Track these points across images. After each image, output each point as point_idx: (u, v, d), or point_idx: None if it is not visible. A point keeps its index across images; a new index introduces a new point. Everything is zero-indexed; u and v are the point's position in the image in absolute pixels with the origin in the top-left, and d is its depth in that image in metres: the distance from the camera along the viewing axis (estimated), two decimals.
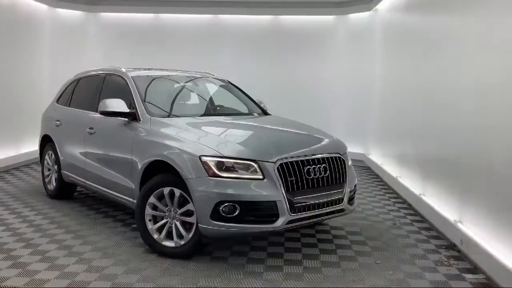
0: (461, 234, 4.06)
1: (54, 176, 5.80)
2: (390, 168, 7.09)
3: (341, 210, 3.98)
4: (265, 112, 5.35)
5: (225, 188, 3.49)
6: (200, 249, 3.87)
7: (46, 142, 6.03)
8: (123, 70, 4.99)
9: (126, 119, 4.47)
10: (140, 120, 4.35)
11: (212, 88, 5.51)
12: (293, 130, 4.51)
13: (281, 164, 3.61)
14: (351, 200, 4.13)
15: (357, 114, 9.06)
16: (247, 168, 3.57)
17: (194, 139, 3.83)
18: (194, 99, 5.35)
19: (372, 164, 8.26)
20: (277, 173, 3.57)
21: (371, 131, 8.55)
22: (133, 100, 4.51)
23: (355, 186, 4.24)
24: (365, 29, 8.92)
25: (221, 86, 5.59)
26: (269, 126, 4.64)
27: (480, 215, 3.90)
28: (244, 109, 5.35)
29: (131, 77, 4.79)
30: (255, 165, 3.57)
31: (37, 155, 8.61)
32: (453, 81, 4.65)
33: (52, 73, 9.24)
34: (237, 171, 3.57)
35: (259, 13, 9.42)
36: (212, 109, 5.30)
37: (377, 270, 3.70)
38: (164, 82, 5.17)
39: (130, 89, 4.63)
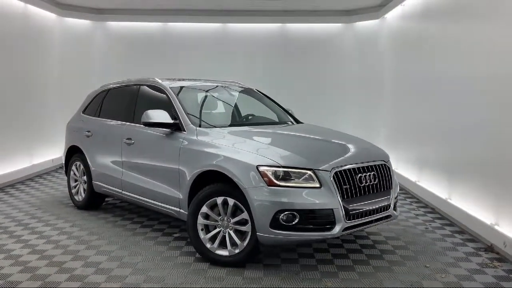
0: (503, 237, 4.21)
1: (82, 187, 5.79)
2: (406, 172, 7.26)
3: (388, 216, 4.09)
4: (296, 120, 5.45)
5: (284, 197, 3.57)
6: (253, 257, 3.94)
7: (72, 153, 6.00)
8: (160, 81, 5.04)
9: (169, 130, 4.51)
10: (184, 131, 4.40)
11: (244, 97, 5.59)
12: (338, 138, 4.62)
13: (336, 173, 3.71)
14: (395, 206, 4.25)
15: (366, 121, 9.25)
16: (304, 177, 3.66)
17: (248, 149, 3.90)
18: (229, 108, 5.43)
19: None
20: (333, 181, 3.67)
21: (382, 137, 8.72)
22: (176, 111, 4.56)
23: (397, 193, 4.37)
24: (373, 37, 9.13)
25: (252, 94, 5.68)
26: (312, 135, 4.73)
27: None
28: (275, 118, 5.45)
29: (170, 88, 4.84)
30: (312, 174, 3.66)
31: (50, 165, 8.66)
32: (469, 82, 4.90)
33: (62, 81, 9.22)
34: (294, 180, 3.66)
35: (267, 21, 9.54)
36: (246, 118, 5.37)
37: (428, 273, 3.82)
38: (200, 92, 5.23)
39: (171, 100, 4.68)
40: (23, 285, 3.51)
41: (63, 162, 6.25)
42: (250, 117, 5.41)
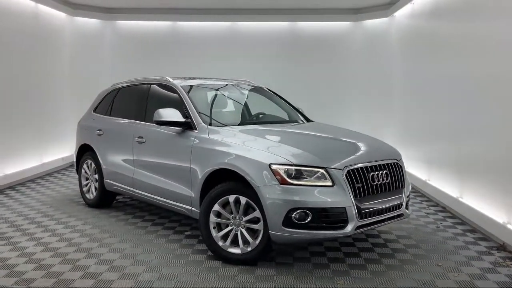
0: None
1: (93, 185, 5.83)
2: (416, 171, 7.23)
3: (401, 215, 4.09)
4: (307, 119, 5.46)
5: (297, 195, 3.57)
6: (265, 255, 3.95)
7: (83, 151, 6.04)
8: (171, 80, 5.06)
9: (180, 128, 4.53)
10: (196, 129, 4.42)
11: (255, 96, 5.60)
12: (350, 137, 4.61)
13: (348, 171, 3.71)
14: (407, 205, 4.24)
15: (374, 120, 9.23)
16: (317, 175, 3.66)
17: (260, 148, 3.91)
18: (239, 107, 5.44)
19: None
20: (346, 180, 3.67)
21: (390, 135, 8.69)
22: (187, 109, 4.58)
23: (410, 192, 4.35)
24: (382, 35, 9.10)
25: (262, 93, 5.68)
26: (324, 134, 4.73)
27: None
28: (285, 116, 5.45)
29: (181, 86, 4.86)
30: (325, 172, 3.66)
31: (60, 164, 8.72)
32: (480, 81, 4.90)
33: (72, 80, 9.29)
34: (306, 178, 3.66)
35: (276, 20, 9.54)
36: (256, 117, 5.38)
37: (441, 272, 3.81)
38: (210, 91, 5.25)
39: (182, 99, 4.70)
40: (38, 282, 3.55)
41: (75, 161, 6.29)
42: (260, 116, 5.41)
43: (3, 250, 4.26)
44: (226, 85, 5.51)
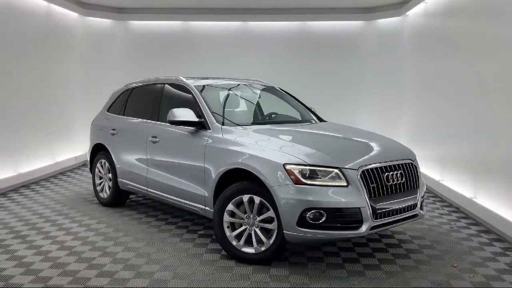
0: None
1: (107, 184, 5.87)
2: (429, 171, 7.19)
3: (415, 216, 4.06)
4: (320, 119, 5.45)
5: (311, 195, 3.57)
6: (278, 255, 3.95)
7: (97, 150, 6.09)
8: (184, 79, 5.08)
9: (194, 128, 4.55)
10: (209, 129, 4.43)
11: (267, 95, 5.60)
12: (364, 137, 4.59)
13: (363, 171, 3.70)
14: (421, 205, 4.21)
15: (386, 119, 9.18)
16: (331, 175, 3.65)
17: (275, 147, 3.92)
18: (252, 106, 5.45)
19: None
20: (360, 180, 3.66)
21: (402, 135, 8.65)
22: (201, 109, 4.59)
23: (424, 192, 4.33)
24: (395, 35, 9.05)
25: (274, 93, 5.68)
26: (337, 134, 4.73)
27: None
28: (298, 116, 5.45)
29: (195, 86, 4.88)
30: (339, 172, 3.65)
31: (73, 163, 8.79)
32: (495, 80, 4.85)
33: (84, 80, 9.36)
34: (320, 178, 3.65)
35: (288, 19, 9.53)
36: (269, 116, 5.39)
37: (456, 273, 3.78)
38: (223, 91, 5.26)
39: (196, 99, 4.72)
40: (54, 281, 3.58)
41: (88, 160, 6.34)
42: (273, 115, 5.41)
43: (19, 248, 4.31)
44: (239, 84, 5.51)
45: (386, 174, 3.83)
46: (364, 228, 3.61)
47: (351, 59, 9.58)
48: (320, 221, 3.57)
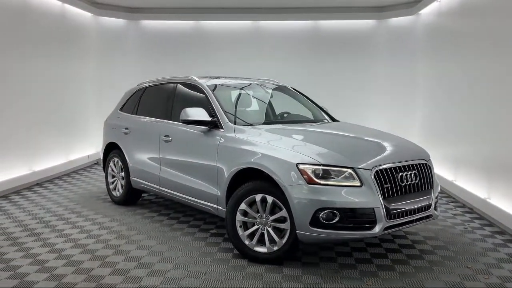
0: None
1: (120, 183, 5.91)
2: (442, 171, 7.13)
3: (429, 216, 4.03)
4: (332, 118, 5.43)
5: (325, 195, 3.56)
6: (291, 255, 3.95)
7: (110, 149, 6.13)
8: (197, 79, 5.10)
9: (206, 127, 4.56)
10: (222, 128, 4.44)
11: (279, 95, 5.59)
12: (377, 137, 4.56)
13: (377, 171, 3.68)
14: (435, 206, 4.18)
15: (399, 119, 9.12)
16: (344, 175, 3.64)
17: (287, 147, 3.91)
18: (264, 106, 5.45)
19: None
20: (374, 180, 3.64)
21: (415, 134, 8.58)
22: (214, 108, 4.60)
23: (438, 192, 4.29)
24: (407, 34, 8.99)
25: (286, 92, 5.67)
26: (350, 133, 4.71)
27: None
28: (310, 115, 5.43)
29: (207, 86, 4.89)
30: (353, 172, 3.64)
31: (86, 161, 8.87)
32: (510, 80, 4.78)
33: (97, 79, 9.44)
34: (334, 178, 3.64)
35: (300, 18, 9.51)
36: (281, 116, 5.38)
37: (470, 274, 3.75)
38: (235, 90, 5.26)
39: (208, 98, 4.73)
40: (68, 278, 3.61)
41: (101, 158, 6.39)
42: (285, 115, 5.41)
43: (33, 245, 4.35)
44: (250, 84, 5.51)
45: (400, 174, 3.81)
46: (377, 229, 3.59)
47: (363, 58, 9.52)
48: (334, 221, 3.56)
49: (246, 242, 3.98)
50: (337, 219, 3.56)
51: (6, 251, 4.18)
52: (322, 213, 3.55)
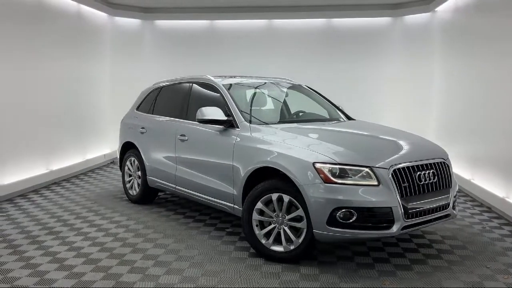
0: None
1: (136, 182, 5.96)
2: (459, 170, 7.04)
3: (447, 215, 3.99)
4: (348, 117, 5.40)
5: (342, 194, 3.54)
6: (307, 254, 3.94)
7: (126, 148, 6.18)
8: (213, 78, 5.11)
9: (222, 127, 4.57)
10: (238, 127, 4.45)
11: (294, 94, 5.59)
12: (394, 136, 4.52)
13: (394, 170, 3.65)
14: (454, 205, 4.13)
15: (414, 117, 9.03)
16: (362, 174, 3.62)
17: (303, 146, 3.90)
18: (279, 105, 5.45)
19: None
20: (392, 179, 3.61)
21: (430, 133, 8.50)
22: (229, 108, 4.61)
23: (456, 191, 4.25)
24: (423, 31, 8.89)
25: (301, 91, 5.66)
26: (367, 132, 4.69)
27: None
28: (325, 114, 5.41)
29: (223, 85, 4.91)
30: (370, 171, 3.61)
31: (102, 160, 8.96)
32: None
33: (113, 79, 9.52)
34: (351, 177, 3.62)
35: (314, 16, 9.46)
36: (296, 115, 5.37)
37: (489, 274, 3.71)
38: (250, 89, 5.27)
39: (224, 98, 4.74)
40: (87, 276, 3.65)
41: (118, 158, 6.44)
42: (300, 114, 5.39)
43: (52, 244, 4.41)
44: (266, 83, 5.51)
45: (418, 173, 3.77)
46: (395, 228, 3.57)
47: (378, 56, 9.45)
48: (351, 221, 3.54)
49: (263, 241, 3.98)
50: (354, 218, 3.54)
51: (26, 249, 4.24)
52: (339, 212, 3.54)
